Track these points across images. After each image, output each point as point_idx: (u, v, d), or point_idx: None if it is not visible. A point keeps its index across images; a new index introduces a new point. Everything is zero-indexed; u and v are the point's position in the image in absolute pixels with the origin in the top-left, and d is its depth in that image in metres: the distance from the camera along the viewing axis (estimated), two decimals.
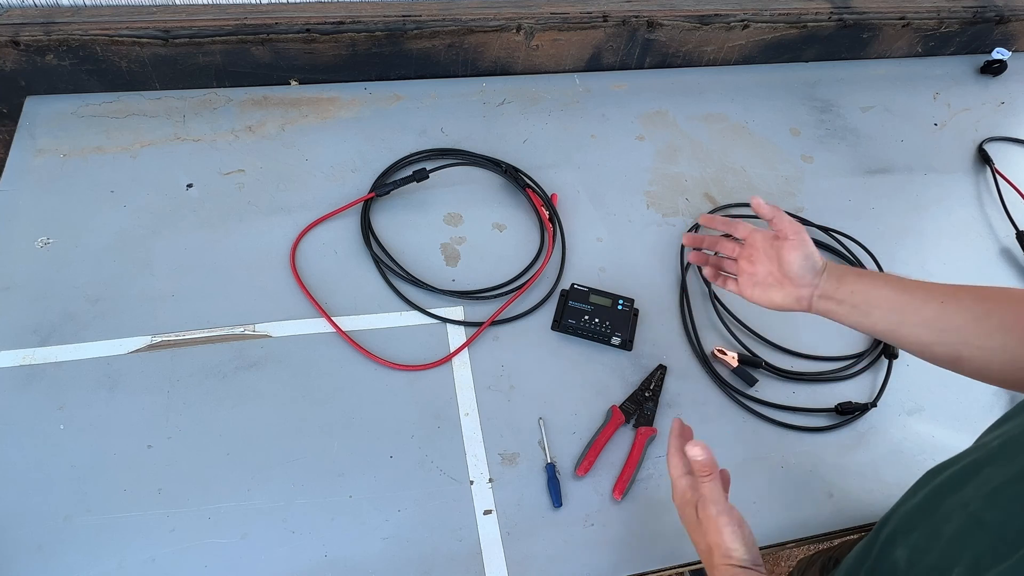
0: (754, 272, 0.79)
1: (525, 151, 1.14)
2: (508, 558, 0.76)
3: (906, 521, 0.60)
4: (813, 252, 0.75)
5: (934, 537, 0.55)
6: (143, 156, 1.04)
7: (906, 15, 1.32)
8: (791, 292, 0.75)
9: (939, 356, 0.68)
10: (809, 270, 0.74)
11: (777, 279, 0.76)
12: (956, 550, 0.52)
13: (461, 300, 0.96)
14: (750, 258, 0.79)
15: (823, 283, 0.74)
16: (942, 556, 0.53)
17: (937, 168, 1.24)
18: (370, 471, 0.81)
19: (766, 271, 0.77)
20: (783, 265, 0.75)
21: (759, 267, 0.78)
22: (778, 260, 0.75)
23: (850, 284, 0.72)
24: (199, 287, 0.92)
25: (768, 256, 0.77)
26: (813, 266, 0.74)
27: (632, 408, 0.88)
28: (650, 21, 1.21)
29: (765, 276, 0.77)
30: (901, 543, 0.59)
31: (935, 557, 0.53)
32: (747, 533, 0.63)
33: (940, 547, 0.53)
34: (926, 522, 0.57)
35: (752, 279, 0.79)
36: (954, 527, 0.53)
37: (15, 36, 0.99)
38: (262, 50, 1.09)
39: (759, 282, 0.78)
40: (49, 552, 0.72)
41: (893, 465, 0.89)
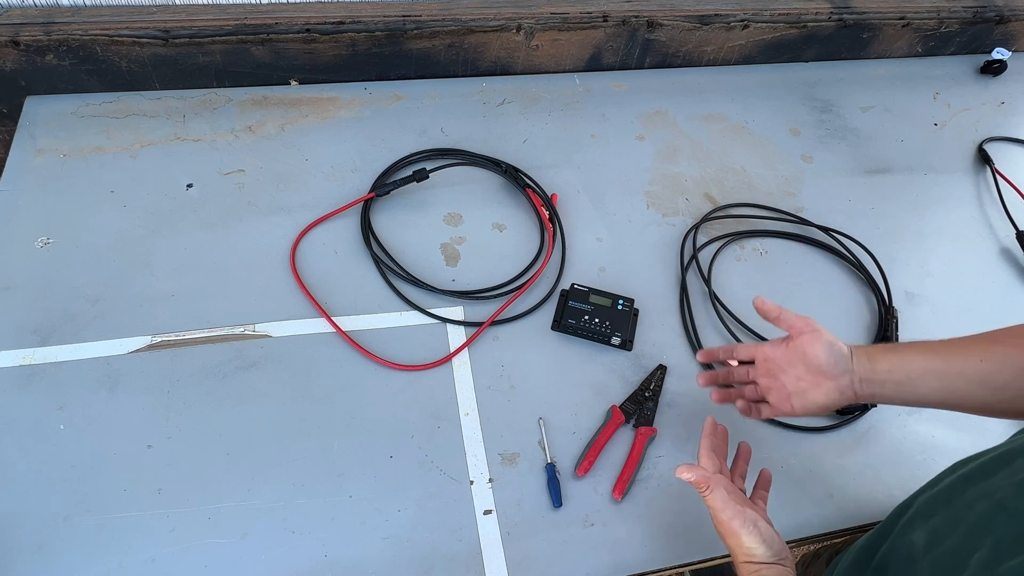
0: (781, 385, 0.74)
1: (525, 151, 1.14)
2: (508, 558, 0.76)
3: (927, 507, 0.60)
4: (833, 338, 0.72)
5: (955, 522, 0.55)
6: (143, 156, 1.04)
7: (906, 15, 1.32)
8: (831, 387, 0.71)
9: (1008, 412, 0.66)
10: (838, 357, 0.70)
11: (810, 381, 0.72)
12: (978, 535, 0.52)
13: (461, 300, 0.96)
14: (769, 373, 0.76)
15: (856, 366, 0.70)
16: (962, 540, 0.53)
17: (937, 168, 1.24)
18: (370, 471, 0.81)
19: (794, 378, 0.73)
20: (810, 361, 0.71)
21: (784, 377, 0.74)
22: (802, 359, 0.72)
23: (884, 362, 0.69)
24: (199, 287, 0.92)
25: (789, 361, 0.73)
26: (840, 352, 0.71)
27: (632, 408, 0.88)
28: (650, 21, 1.21)
29: (795, 383, 0.73)
30: (919, 527, 0.59)
31: (955, 541, 0.53)
32: (764, 529, 0.63)
33: (961, 532, 0.53)
34: (948, 508, 0.57)
35: (782, 393, 0.74)
36: (977, 513, 0.53)
37: (15, 36, 0.99)
38: (262, 50, 1.09)
39: (793, 392, 0.73)
40: (49, 552, 0.72)
41: (893, 465, 0.89)
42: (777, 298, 0.99)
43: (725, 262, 1.05)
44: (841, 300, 1.03)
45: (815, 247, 1.09)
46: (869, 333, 1.00)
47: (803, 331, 0.72)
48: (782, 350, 0.74)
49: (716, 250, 1.06)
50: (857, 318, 1.02)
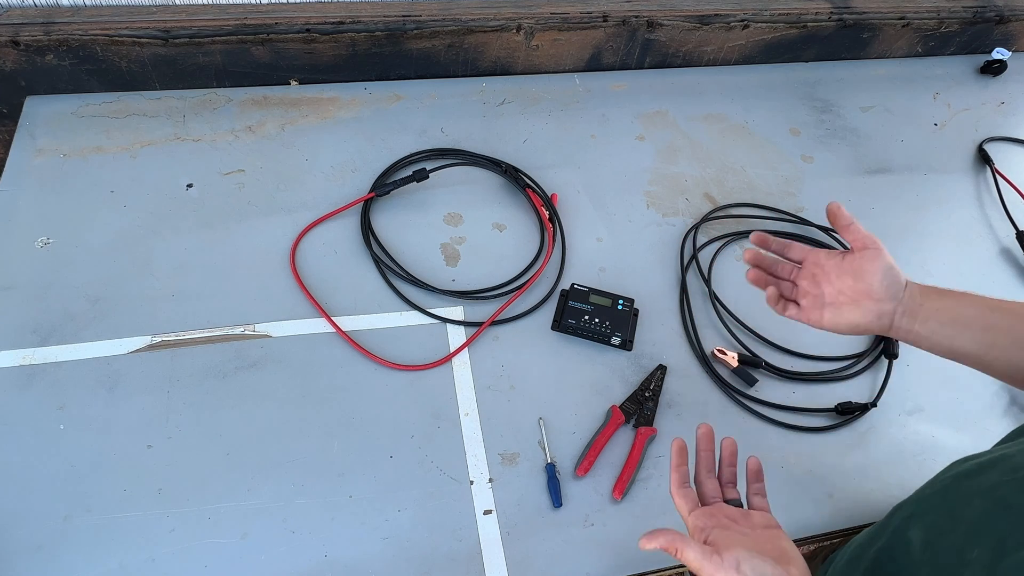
0: (819, 293, 0.71)
1: (525, 151, 1.14)
2: (508, 558, 0.76)
3: (924, 505, 0.60)
4: (893, 262, 0.69)
5: (954, 520, 0.54)
6: (143, 156, 1.04)
7: (906, 15, 1.32)
8: (871, 308, 0.68)
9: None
10: (893, 283, 0.68)
11: (852, 297, 0.69)
12: (978, 533, 0.51)
13: (461, 300, 0.96)
14: (813, 278, 0.72)
15: (907, 298, 0.67)
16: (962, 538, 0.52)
17: (937, 168, 1.24)
18: (370, 471, 0.81)
19: (836, 290, 0.70)
20: (863, 278, 0.68)
21: (827, 287, 0.71)
22: (856, 274, 0.69)
23: (935, 300, 0.67)
24: (199, 287, 0.92)
25: (839, 272, 0.70)
26: (896, 279, 0.68)
27: (632, 408, 0.88)
28: (650, 21, 1.21)
29: (835, 296, 0.70)
30: (916, 525, 0.58)
31: (954, 539, 0.53)
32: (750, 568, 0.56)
33: (960, 530, 0.53)
34: (946, 506, 0.57)
35: (818, 301, 0.72)
36: (977, 511, 0.53)
37: (15, 36, 0.99)
38: (262, 50, 1.09)
39: (830, 303, 0.70)
40: (49, 552, 0.72)
41: (893, 465, 0.89)
42: None
43: (725, 262, 1.05)
44: None
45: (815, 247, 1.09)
46: None
47: (867, 246, 0.69)
48: (836, 259, 0.71)
49: (716, 250, 1.06)
50: None
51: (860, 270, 0.69)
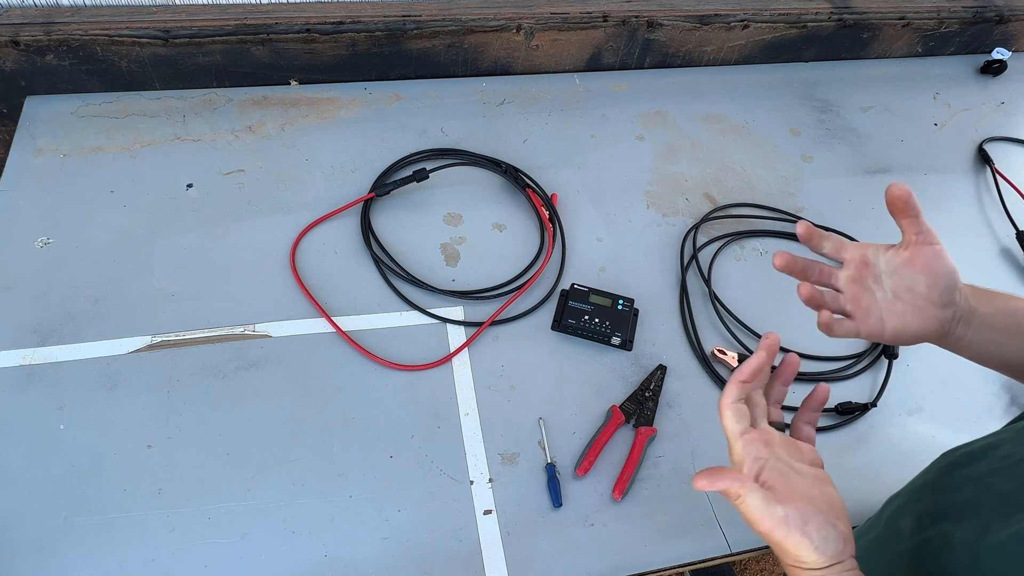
0: (872, 299, 0.61)
1: (525, 151, 1.14)
2: (508, 558, 0.76)
3: (914, 495, 0.60)
4: (954, 264, 0.60)
5: (943, 507, 0.55)
6: (143, 156, 1.04)
7: (906, 15, 1.32)
8: (934, 316, 0.59)
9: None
10: (954, 285, 0.59)
11: (911, 303, 0.59)
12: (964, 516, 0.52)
13: (461, 300, 0.96)
14: (861, 281, 0.62)
15: (961, 302, 0.59)
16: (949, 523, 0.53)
17: (937, 168, 1.24)
18: (370, 471, 0.81)
19: (892, 295, 0.60)
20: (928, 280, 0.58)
21: (878, 291, 0.61)
22: (916, 277, 0.59)
23: (987, 305, 0.60)
24: (199, 287, 0.92)
25: (894, 273, 0.60)
26: (956, 281, 0.59)
27: (632, 408, 0.88)
28: (650, 21, 1.21)
29: (891, 302, 0.60)
30: (907, 514, 0.59)
31: (942, 524, 0.53)
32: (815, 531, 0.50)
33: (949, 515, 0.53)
34: (935, 495, 0.57)
35: (872, 308, 0.61)
36: (964, 497, 0.53)
37: (15, 36, 0.99)
38: (262, 50, 1.09)
39: (888, 310, 0.60)
40: (49, 552, 0.72)
41: (893, 465, 0.89)
42: (777, 298, 1.01)
43: (725, 262, 1.05)
44: None
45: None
46: None
47: (931, 241, 0.59)
48: (889, 257, 0.60)
49: (716, 250, 1.06)
50: None
51: (923, 271, 0.59)
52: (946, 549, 0.52)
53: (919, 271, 0.59)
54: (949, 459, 0.59)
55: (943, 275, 0.59)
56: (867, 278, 0.62)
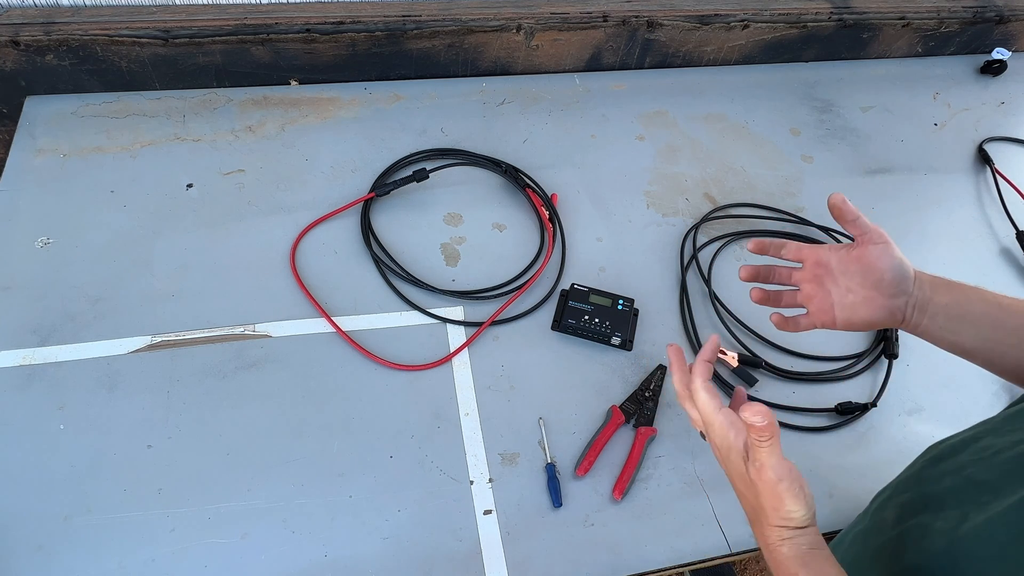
0: (826, 294, 0.69)
1: (525, 151, 1.14)
2: (508, 558, 0.76)
3: (899, 488, 0.62)
4: (902, 255, 0.66)
5: (924, 498, 0.57)
6: (143, 156, 1.04)
7: (906, 15, 1.32)
8: (883, 305, 0.65)
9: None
10: (904, 277, 0.65)
11: (861, 295, 0.66)
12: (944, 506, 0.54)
13: (461, 300, 0.96)
14: (817, 279, 0.69)
15: (916, 291, 0.65)
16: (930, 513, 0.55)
17: (937, 168, 1.24)
18: (370, 471, 0.81)
19: (844, 289, 0.67)
20: (874, 274, 0.65)
21: (833, 287, 0.68)
22: (865, 271, 0.66)
23: (944, 294, 0.65)
24: (199, 287, 0.92)
25: (845, 270, 0.67)
26: (906, 272, 0.65)
27: (632, 408, 0.88)
28: (650, 21, 1.21)
29: (844, 295, 0.67)
30: (891, 506, 0.61)
31: (923, 515, 0.55)
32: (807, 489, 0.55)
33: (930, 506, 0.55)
34: (918, 487, 0.59)
35: (826, 302, 0.69)
36: (945, 488, 0.55)
37: (15, 36, 0.99)
38: (262, 50, 1.09)
39: (838, 303, 0.68)
40: (49, 552, 0.72)
41: (893, 465, 0.88)
42: None
43: (725, 262, 1.05)
44: None
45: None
46: (869, 333, 1.00)
47: (875, 240, 0.66)
48: (840, 256, 0.67)
49: (716, 250, 1.06)
50: None
51: (870, 267, 0.66)
52: (925, 537, 0.53)
53: (866, 267, 0.66)
54: (933, 452, 0.61)
55: (889, 268, 0.65)
56: (822, 276, 0.69)
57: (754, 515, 0.57)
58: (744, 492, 0.58)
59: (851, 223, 0.67)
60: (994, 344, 0.64)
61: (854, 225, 0.67)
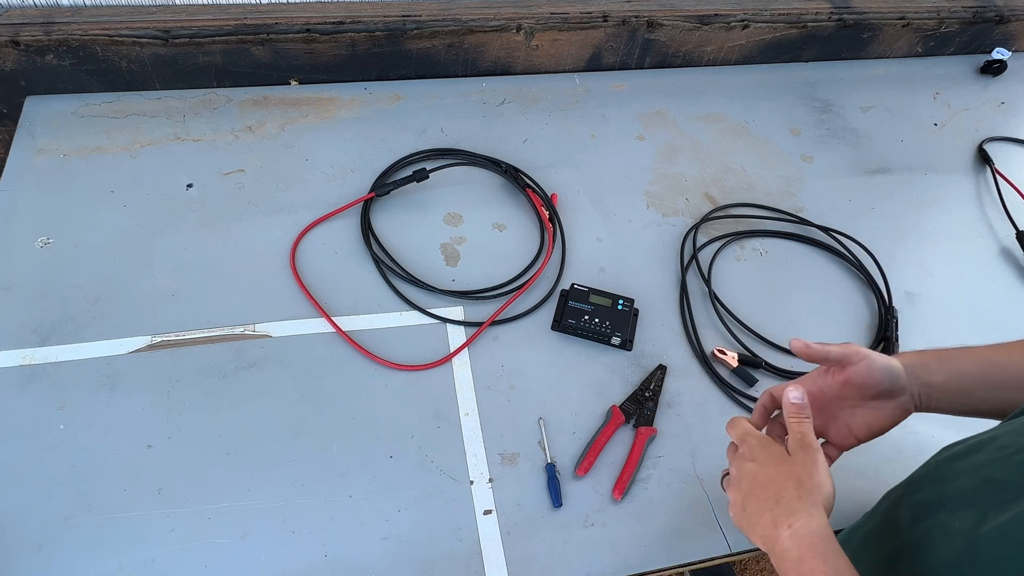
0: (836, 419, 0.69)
1: (525, 151, 1.14)
2: (508, 558, 0.76)
3: (913, 487, 0.61)
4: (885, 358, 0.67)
5: (941, 497, 0.56)
6: (143, 156, 1.04)
7: (906, 15, 1.32)
8: (893, 407, 0.67)
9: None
10: (896, 377, 0.66)
11: (869, 407, 0.67)
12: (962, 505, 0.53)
13: (461, 300, 0.96)
14: (822, 410, 0.70)
15: (913, 382, 0.66)
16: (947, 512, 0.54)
17: (937, 168, 1.24)
18: (370, 471, 0.81)
19: (849, 409, 0.68)
20: (870, 389, 0.66)
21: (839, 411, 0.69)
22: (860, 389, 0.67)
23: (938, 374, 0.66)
24: (199, 287, 0.92)
25: (842, 393, 0.68)
26: (897, 372, 0.66)
27: (632, 408, 0.88)
28: (650, 21, 1.21)
29: (852, 414, 0.68)
30: (905, 505, 0.60)
31: (940, 514, 0.54)
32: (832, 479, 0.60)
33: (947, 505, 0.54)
34: (934, 486, 0.58)
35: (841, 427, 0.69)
36: (962, 487, 0.54)
37: (15, 36, 0.99)
38: (262, 50, 1.09)
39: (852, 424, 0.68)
40: (49, 552, 0.72)
41: (893, 465, 0.88)
42: (777, 298, 1.01)
43: (725, 262, 1.05)
44: (841, 300, 1.03)
45: (815, 247, 1.09)
46: (869, 333, 1.00)
47: (853, 360, 0.66)
48: (830, 383, 0.68)
49: (716, 250, 1.06)
50: (857, 318, 1.02)
51: (863, 385, 0.66)
52: (944, 538, 0.52)
53: (859, 386, 0.67)
54: (948, 452, 0.60)
55: (881, 379, 0.65)
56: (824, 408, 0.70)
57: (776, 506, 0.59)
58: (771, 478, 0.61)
59: (823, 359, 0.68)
60: (1003, 403, 0.64)
61: (828, 358, 0.68)
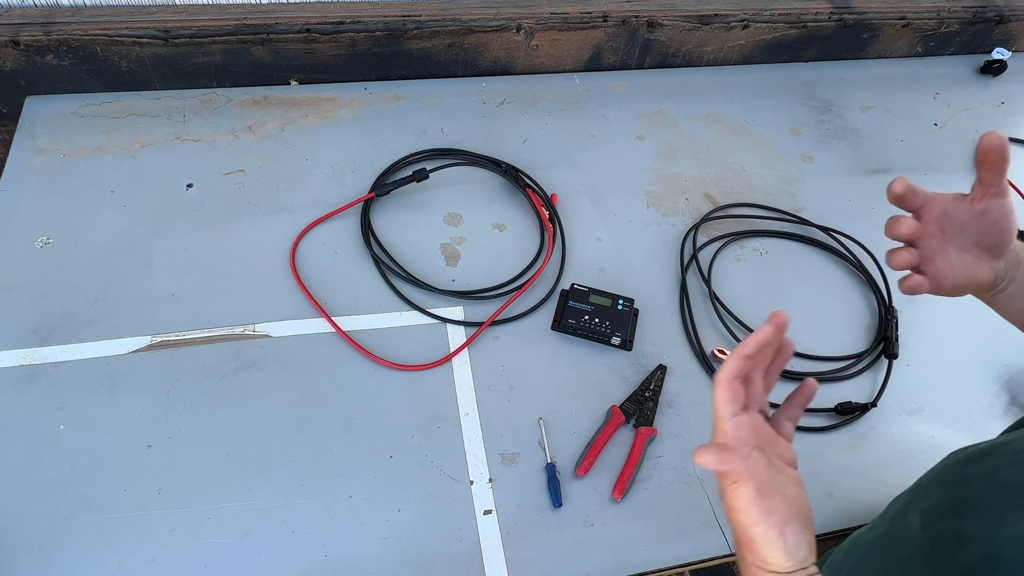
0: (945, 256, 0.59)
1: (525, 151, 1.14)
2: (508, 558, 0.76)
3: (922, 491, 0.60)
4: None
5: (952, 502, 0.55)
6: (143, 156, 1.04)
7: (906, 15, 1.32)
8: (991, 267, 0.59)
9: None
10: (1011, 235, 0.58)
11: (976, 254, 0.59)
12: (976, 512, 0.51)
13: (461, 300, 0.96)
14: (943, 234, 0.59)
15: (1010, 255, 0.60)
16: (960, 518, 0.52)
17: (937, 168, 1.24)
18: (370, 471, 0.81)
19: (958, 248, 0.59)
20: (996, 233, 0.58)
21: (952, 245, 0.59)
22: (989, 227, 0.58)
23: None
24: (199, 287, 0.92)
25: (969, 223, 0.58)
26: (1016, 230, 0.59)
27: (632, 408, 0.88)
28: (650, 21, 1.21)
29: (959, 256, 0.59)
30: (914, 511, 0.59)
31: (952, 520, 0.53)
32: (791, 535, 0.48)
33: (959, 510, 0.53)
34: (944, 491, 0.57)
35: (944, 266, 0.59)
36: (976, 492, 0.53)
37: (15, 36, 0.99)
38: (262, 50, 1.09)
39: (956, 265, 0.59)
40: (49, 552, 0.72)
41: (893, 465, 0.89)
42: (777, 298, 1.01)
43: (725, 262, 1.05)
44: (841, 300, 1.03)
45: (815, 247, 1.09)
46: (869, 333, 1.00)
47: (1002, 193, 0.57)
48: (965, 208, 0.58)
49: (716, 250, 1.06)
50: (857, 318, 1.02)
51: (994, 224, 0.58)
52: (959, 545, 0.51)
53: (991, 223, 0.58)
54: (958, 456, 0.59)
55: (1008, 229, 0.58)
56: (947, 229, 0.59)
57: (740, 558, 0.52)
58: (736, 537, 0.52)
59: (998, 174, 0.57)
60: None
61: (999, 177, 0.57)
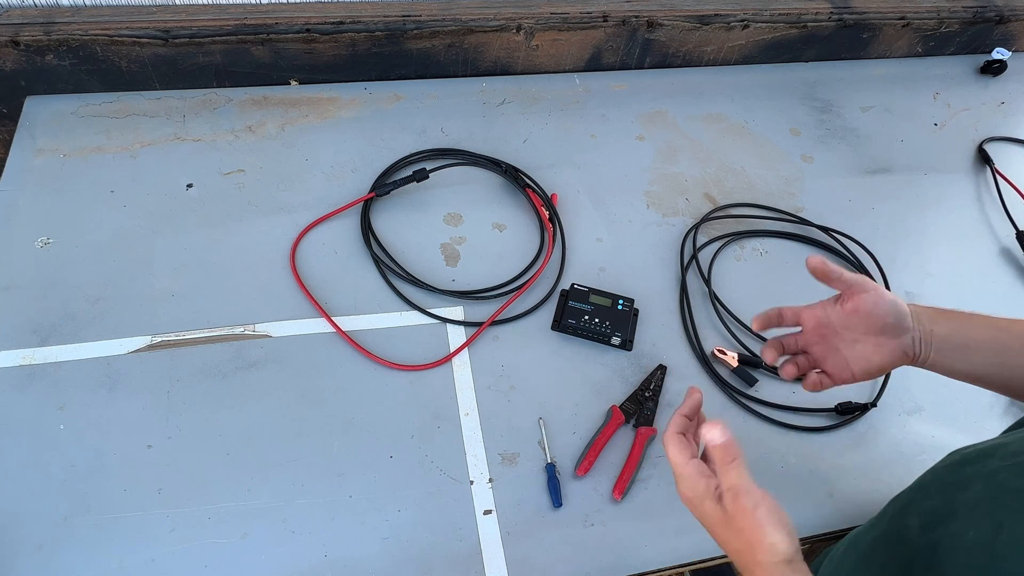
0: (836, 351, 0.70)
1: (525, 151, 1.14)
2: (508, 558, 0.76)
3: (921, 492, 0.60)
4: (894, 296, 0.67)
5: (952, 504, 0.55)
6: (143, 156, 1.04)
7: (906, 15, 1.32)
8: (893, 348, 0.67)
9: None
10: (901, 315, 0.66)
11: (871, 343, 0.68)
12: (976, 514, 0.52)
13: (461, 300, 0.96)
14: (823, 339, 0.71)
15: (917, 326, 0.66)
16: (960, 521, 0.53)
17: (937, 168, 1.24)
18: (370, 471, 0.81)
19: (850, 342, 0.69)
20: (875, 320, 0.66)
21: (840, 342, 0.70)
22: (866, 319, 0.67)
23: (943, 325, 0.66)
24: (199, 287, 0.92)
25: (846, 324, 0.69)
26: (902, 311, 0.66)
27: (632, 408, 0.88)
28: (650, 21, 1.21)
29: (852, 347, 0.69)
30: (914, 512, 0.59)
31: (952, 522, 0.53)
32: (785, 518, 0.54)
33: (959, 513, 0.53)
34: (943, 492, 0.57)
35: (839, 359, 0.70)
36: (975, 494, 0.53)
37: (15, 36, 0.99)
38: (262, 50, 1.09)
39: (851, 357, 0.69)
40: (49, 552, 0.72)
41: (893, 465, 0.89)
42: (777, 298, 1.00)
43: (725, 262, 1.05)
44: None
45: (815, 247, 1.09)
46: None
47: (864, 289, 0.67)
48: (836, 312, 0.69)
49: (716, 250, 1.06)
50: None
51: (869, 315, 0.67)
52: (960, 550, 0.51)
53: (865, 316, 0.67)
54: (956, 456, 0.59)
55: (887, 312, 0.66)
56: (827, 336, 0.70)
57: (741, 556, 0.56)
58: (726, 538, 0.56)
59: (835, 281, 0.68)
60: (1002, 368, 0.64)
61: (839, 282, 0.68)
